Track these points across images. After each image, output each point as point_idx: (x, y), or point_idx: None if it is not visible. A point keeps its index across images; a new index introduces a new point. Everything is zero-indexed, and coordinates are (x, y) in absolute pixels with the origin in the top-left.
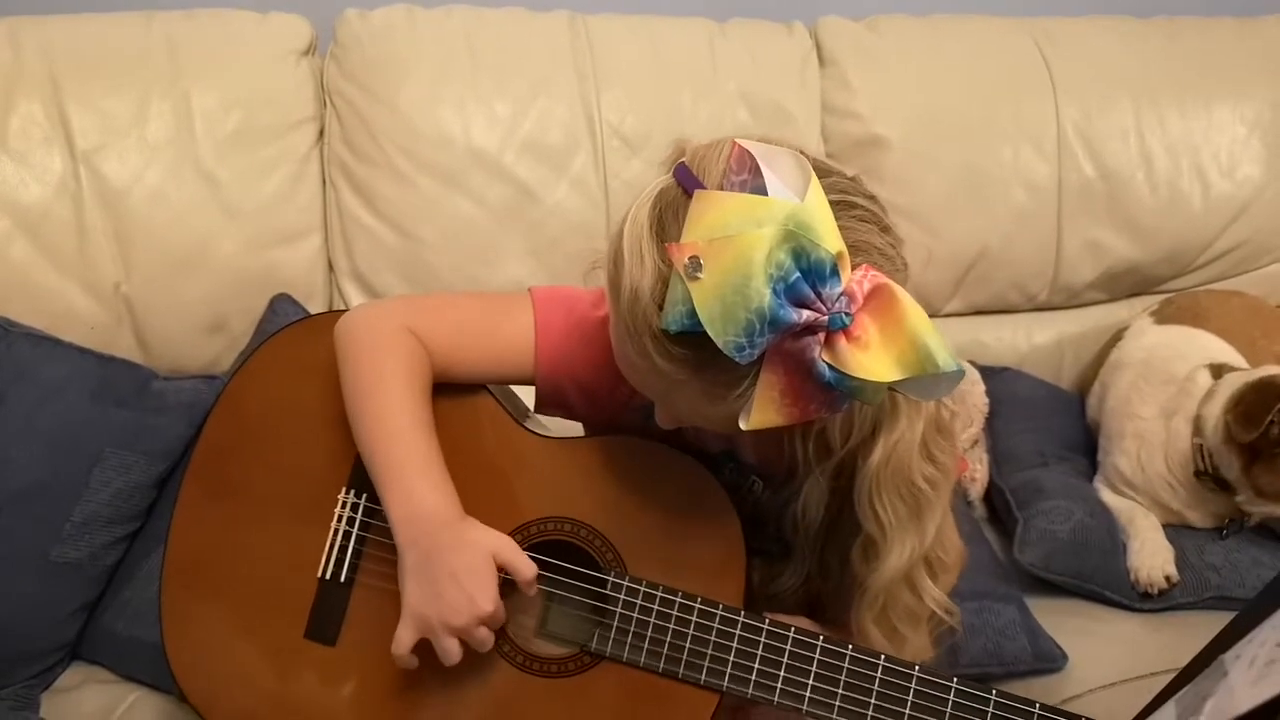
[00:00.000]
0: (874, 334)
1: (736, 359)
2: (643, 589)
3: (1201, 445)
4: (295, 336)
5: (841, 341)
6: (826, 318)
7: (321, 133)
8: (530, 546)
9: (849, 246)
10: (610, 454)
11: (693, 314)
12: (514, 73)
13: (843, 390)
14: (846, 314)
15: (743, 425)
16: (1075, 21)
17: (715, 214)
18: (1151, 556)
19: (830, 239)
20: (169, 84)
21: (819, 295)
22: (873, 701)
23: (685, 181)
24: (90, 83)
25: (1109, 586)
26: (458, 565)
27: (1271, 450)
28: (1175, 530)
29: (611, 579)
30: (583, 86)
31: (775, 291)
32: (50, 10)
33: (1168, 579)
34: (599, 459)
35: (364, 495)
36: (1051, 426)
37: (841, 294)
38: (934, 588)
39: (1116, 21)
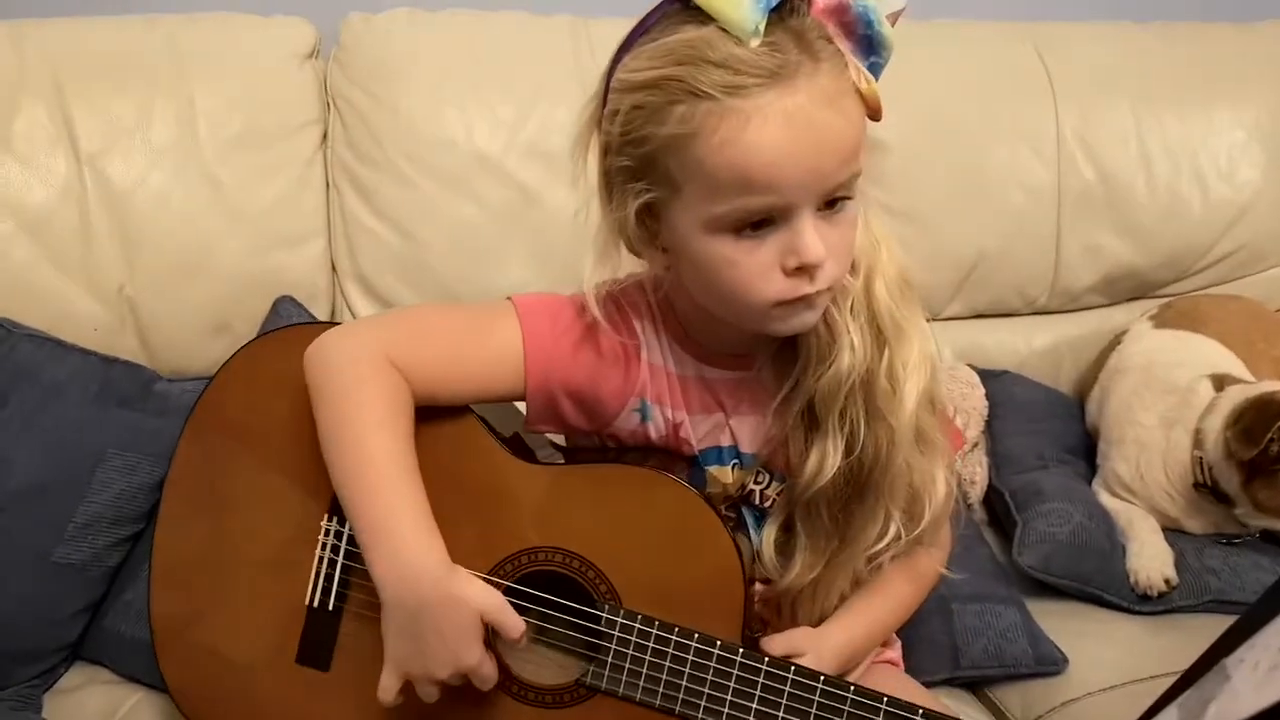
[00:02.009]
0: None
1: None
2: (638, 625)
3: (1201, 458)
4: (264, 353)
5: None
6: None
7: (325, 136)
8: (520, 578)
9: None
10: (602, 482)
11: None
12: (517, 76)
13: (870, 24)
14: None
15: (863, 85)
16: (1074, 26)
17: None
18: (1151, 559)
19: None
20: (173, 87)
21: None
22: None
23: (636, 29)
24: (94, 86)
25: (1108, 589)
26: (443, 623)
27: (1271, 467)
28: (1174, 533)
29: (605, 615)
30: (585, 90)
31: None
32: (54, 13)
33: (1167, 582)
34: (590, 487)
35: (346, 524)
36: (1050, 429)
37: None
38: (940, 391)
39: (1115, 26)
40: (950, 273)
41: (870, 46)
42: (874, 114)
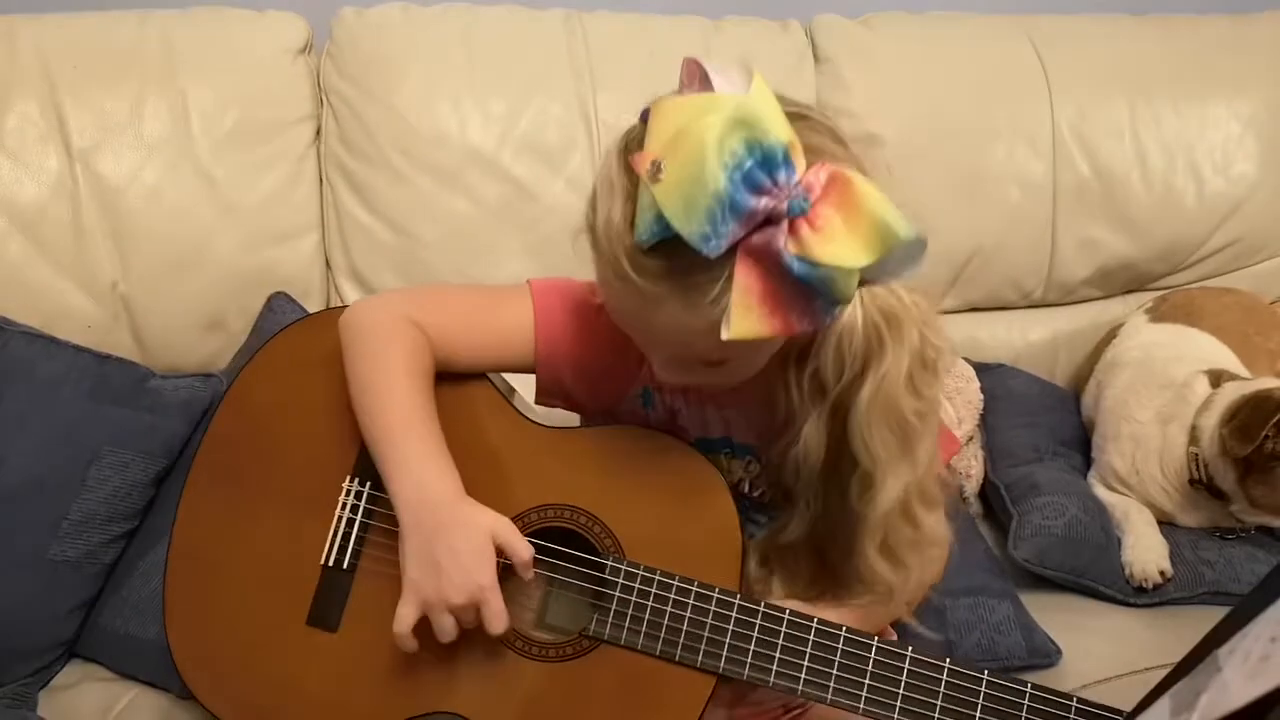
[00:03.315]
0: (837, 222)
1: (704, 250)
2: (640, 573)
3: (1197, 455)
4: (305, 330)
5: (805, 230)
6: (785, 204)
7: (318, 131)
8: (530, 533)
9: (804, 147)
10: (608, 441)
11: (660, 217)
12: (510, 71)
13: (815, 285)
14: (805, 200)
15: (724, 335)
16: (1070, 19)
17: (670, 117)
18: (1146, 551)
19: (779, 129)
20: (165, 82)
21: (775, 182)
22: (866, 683)
23: (647, 116)
24: (86, 81)
25: (1103, 581)
26: (458, 543)
27: (1266, 464)
28: (1169, 525)
29: (610, 563)
30: (579, 85)
31: (731, 179)
32: (46, 9)
33: (1162, 574)
34: (597, 446)
35: (368, 483)
36: (1046, 422)
37: (798, 183)
38: (929, 516)
39: (1111, 19)
40: (946, 266)
41: (797, 281)
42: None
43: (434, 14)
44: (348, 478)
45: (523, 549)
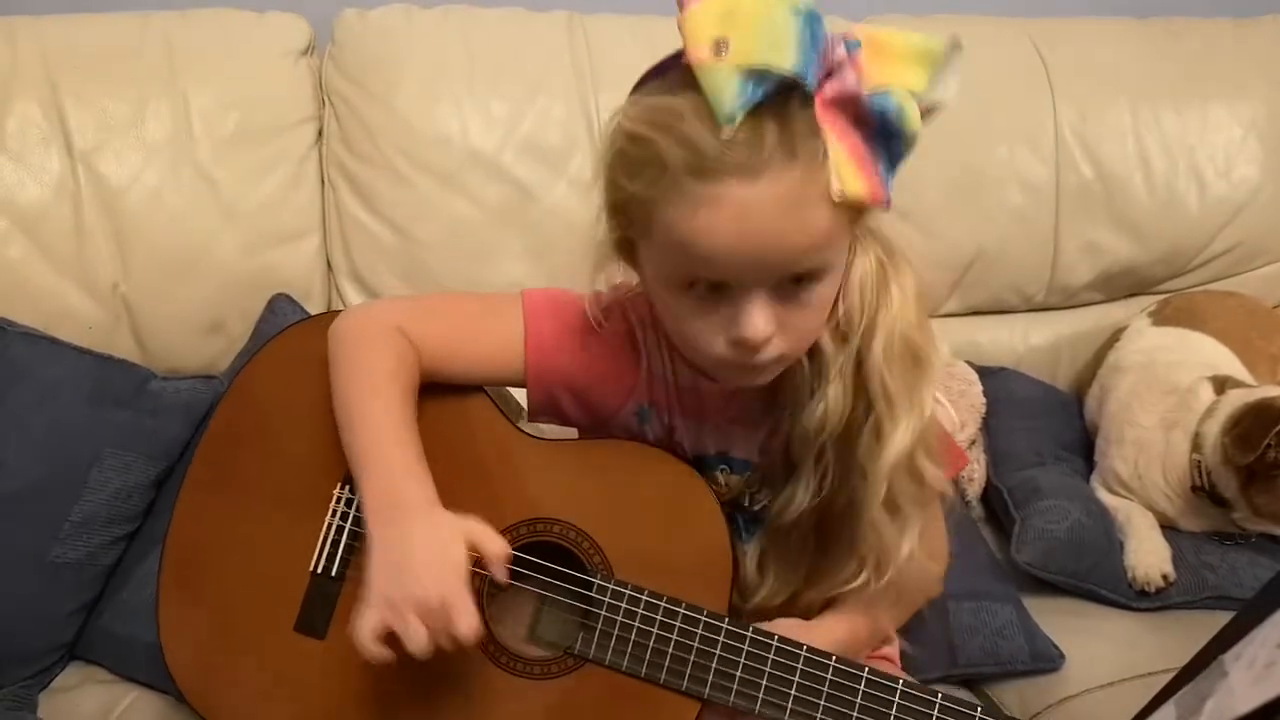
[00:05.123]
0: (886, 47)
1: (806, 78)
2: (628, 592)
3: (1200, 462)
4: (306, 331)
5: (863, 62)
6: (842, 44)
7: (320, 133)
8: (519, 547)
9: None
10: (601, 457)
11: (745, 78)
12: (512, 73)
13: (891, 119)
14: (854, 40)
15: (834, 188)
16: (1073, 22)
17: (710, 9)
18: (1149, 555)
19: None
20: (167, 84)
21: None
22: (855, 715)
23: (658, 66)
24: (88, 83)
25: (1106, 586)
26: (426, 541)
27: (1268, 472)
28: (1171, 530)
29: (597, 581)
30: (581, 86)
31: (800, 13)
32: (47, 10)
33: (1165, 578)
34: (590, 461)
35: (358, 492)
36: (1048, 426)
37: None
38: (931, 467)
39: (1114, 23)
40: (948, 270)
41: (888, 137)
42: (875, 205)
43: (436, 15)
44: (339, 484)
45: (495, 544)
